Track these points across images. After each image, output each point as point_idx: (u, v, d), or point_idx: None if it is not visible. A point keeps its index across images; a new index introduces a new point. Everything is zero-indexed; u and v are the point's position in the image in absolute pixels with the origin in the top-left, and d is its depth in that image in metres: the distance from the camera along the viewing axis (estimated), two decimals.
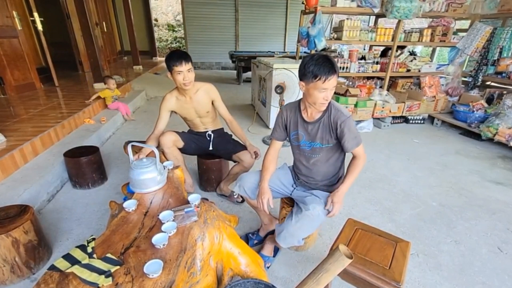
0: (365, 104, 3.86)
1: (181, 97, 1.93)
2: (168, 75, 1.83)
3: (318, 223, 1.44)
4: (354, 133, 1.40)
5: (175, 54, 1.77)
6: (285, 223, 1.45)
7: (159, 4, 13.09)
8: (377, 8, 3.68)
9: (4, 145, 2.26)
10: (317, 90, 1.30)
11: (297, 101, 1.54)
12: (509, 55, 3.83)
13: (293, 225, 1.39)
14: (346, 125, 1.37)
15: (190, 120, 2.06)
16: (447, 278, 1.59)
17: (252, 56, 6.36)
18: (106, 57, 7.05)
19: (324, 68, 1.25)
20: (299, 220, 1.39)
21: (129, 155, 1.37)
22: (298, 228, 1.39)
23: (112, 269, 0.96)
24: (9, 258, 1.40)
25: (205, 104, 1.99)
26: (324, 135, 1.43)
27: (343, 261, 0.87)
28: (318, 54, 1.30)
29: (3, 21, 3.64)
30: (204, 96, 1.97)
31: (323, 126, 1.42)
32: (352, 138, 1.39)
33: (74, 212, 2.05)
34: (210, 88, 1.99)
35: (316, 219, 1.39)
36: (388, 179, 2.64)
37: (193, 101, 1.94)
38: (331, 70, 1.26)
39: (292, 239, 1.42)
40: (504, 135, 3.21)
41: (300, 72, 1.34)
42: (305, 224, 1.39)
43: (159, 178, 1.33)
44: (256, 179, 1.60)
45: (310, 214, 1.37)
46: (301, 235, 1.42)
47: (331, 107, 1.41)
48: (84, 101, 3.61)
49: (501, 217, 2.14)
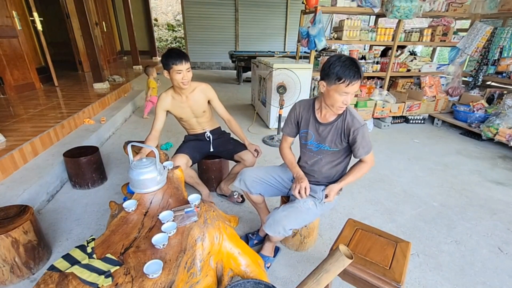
0: (365, 104, 3.86)
1: (177, 96, 1.91)
2: (165, 73, 1.80)
3: (308, 217, 1.45)
4: (366, 141, 1.38)
5: (174, 52, 1.74)
6: (273, 211, 1.46)
7: (159, 4, 13.09)
8: (377, 8, 3.68)
9: (4, 145, 2.26)
10: (338, 93, 1.27)
11: (311, 99, 1.52)
12: (509, 55, 3.83)
13: (279, 213, 1.40)
14: (359, 133, 1.35)
15: (186, 120, 2.03)
16: (447, 278, 1.58)
17: (252, 56, 6.36)
18: (106, 57, 7.04)
19: (350, 72, 1.22)
20: (286, 209, 1.40)
21: (129, 155, 1.37)
22: (284, 216, 1.38)
23: (112, 269, 0.96)
24: (8, 258, 1.40)
25: (202, 103, 1.98)
26: (334, 139, 1.42)
27: (343, 261, 0.87)
28: (346, 56, 1.26)
29: (2, 21, 3.64)
30: (201, 95, 1.96)
31: (335, 130, 1.41)
32: (363, 146, 1.38)
33: (74, 212, 2.05)
34: (207, 87, 1.98)
35: (305, 211, 1.41)
36: (389, 179, 2.64)
37: (189, 100, 1.93)
38: (357, 75, 1.23)
39: (277, 226, 1.37)
40: (504, 135, 3.21)
41: (324, 72, 1.30)
42: (292, 214, 1.39)
43: (159, 178, 1.33)
44: (258, 174, 1.60)
45: (298, 206, 1.40)
46: (287, 224, 1.38)
47: (347, 112, 1.39)
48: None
49: (502, 217, 2.14)
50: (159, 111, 1.90)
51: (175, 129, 3.60)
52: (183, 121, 2.06)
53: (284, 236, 1.43)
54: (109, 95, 4.14)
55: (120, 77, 5.31)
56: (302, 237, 1.68)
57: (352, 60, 1.25)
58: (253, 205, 1.77)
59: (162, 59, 1.76)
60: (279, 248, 1.74)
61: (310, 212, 1.43)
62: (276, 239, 1.58)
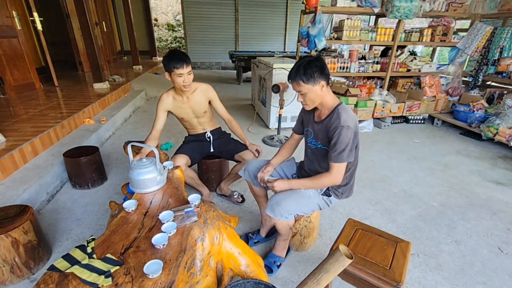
0: (365, 104, 3.86)
1: (178, 97, 1.92)
2: (166, 75, 1.80)
3: (309, 204, 1.48)
4: (341, 145, 1.31)
5: (176, 55, 1.74)
6: (275, 195, 1.50)
7: (159, 4, 13.09)
8: (377, 8, 3.67)
9: (4, 145, 2.26)
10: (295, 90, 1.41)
11: None
12: (509, 55, 3.83)
13: (280, 195, 1.46)
14: (336, 132, 1.32)
15: (187, 120, 2.04)
16: (447, 278, 1.58)
17: (252, 56, 6.36)
18: (106, 57, 7.04)
19: (291, 73, 1.37)
20: (287, 192, 1.46)
21: (129, 156, 1.37)
22: (285, 198, 1.43)
23: (112, 269, 0.96)
24: (8, 258, 1.40)
25: (202, 104, 1.99)
26: (323, 136, 1.44)
27: (343, 261, 0.87)
28: (303, 58, 1.38)
29: (2, 21, 3.64)
30: (201, 96, 1.96)
31: (325, 127, 1.42)
32: (335, 149, 1.32)
33: (74, 212, 2.05)
34: (207, 88, 1.99)
35: (306, 197, 1.46)
36: (389, 179, 2.64)
37: (190, 101, 1.93)
38: (296, 77, 1.35)
39: (277, 207, 1.41)
40: (504, 135, 3.20)
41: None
42: (293, 196, 1.44)
43: (159, 178, 1.33)
44: (261, 166, 1.67)
45: (300, 191, 1.45)
46: (288, 206, 1.41)
47: (337, 111, 1.38)
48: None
49: (502, 217, 2.14)
50: (160, 112, 1.90)
51: (175, 129, 3.60)
52: (184, 121, 2.06)
53: (287, 221, 1.46)
54: (109, 95, 4.14)
55: (120, 77, 5.31)
56: (302, 237, 1.68)
57: (300, 62, 1.35)
58: (255, 198, 1.82)
59: (164, 61, 1.76)
60: (290, 248, 1.73)
61: (311, 200, 1.48)
62: (281, 227, 1.52)
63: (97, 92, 4.21)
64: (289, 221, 1.46)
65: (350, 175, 1.51)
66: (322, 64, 1.34)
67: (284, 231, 1.55)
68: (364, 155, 3.05)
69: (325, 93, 1.39)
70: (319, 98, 1.39)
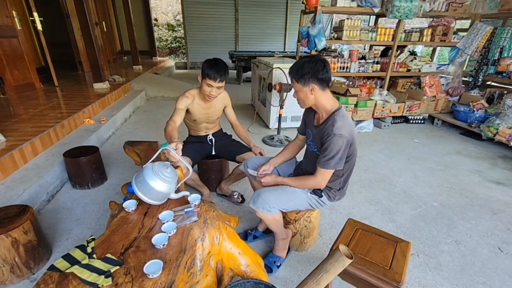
0: (365, 104, 3.86)
1: (199, 101, 1.92)
2: (199, 77, 1.82)
3: (296, 200, 1.48)
4: (331, 154, 1.30)
5: (216, 66, 1.72)
6: (260, 188, 1.54)
7: (159, 4, 13.08)
8: (377, 8, 3.67)
9: (4, 145, 2.26)
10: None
11: None
12: (509, 55, 3.83)
13: (264, 189, 1.49)
14: (328, 141, 1.30)
15: (197, 122, 2.03)
16: (447, 278, 1.58)
17: (252, 56, 6.35)
18: (106, 57, 7.04)
19: (290, 68, 1.39)
20: (271, 187, 1.49)
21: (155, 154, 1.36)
22: (267, 191, 1.46)
23: (112, 269, 0.96)
24: (8, 258, 1.40)
25: (218, 111, 2.04)
26: (318, 142, 1.43)
27: (343, 261, 0.87)
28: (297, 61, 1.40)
29: (2, 21, 3.64)
30: (220, 103, 2.01)
31: (319, 133, 1.41)
32: (325, 155, 1.31)
33: (74, 212, 2.05)
34: (225, 95, 2.04)
35: (291, 193, 1.47)
36: (389, 179, 2.64)
37: (209, 108, 1.97)
38: (290, 72, 1.38)
39: (258, 199, 1.43)
40: (504, 135, 3.20)
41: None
42: (277, 193, 1.46)
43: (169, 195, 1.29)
44: (261, 162, 1.69)
45: (286, 187, 1.47)
46: (269, 200, 1.42)
47: (332, 117, 1.36)
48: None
49: (502, 217, 2.14)
50: (180, 107, 1.84)
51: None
52: (192, 121, 2.03)
53: (271, 215, 1.46)
54: (109, 95, 4.14)
55: (120, 77, 5.31)
56: (302, 237, 1.68)
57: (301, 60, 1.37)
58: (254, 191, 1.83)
59: (204, 64, 1.75)
60: (290, 248, 1.73)
61: (296, 196, 1.48)
62: (268, 222, 1.50)
63: (97, 92, 4.21)
64: (273, 214, 1.46)
65: (344, 180, 1.51)
66: (319, 68, 1.29)
67: (274, 227, 1.53)
68: (364, 155, 3.06)
69: (318, 97, 1.36)
70: (310, 100, 1.38)
